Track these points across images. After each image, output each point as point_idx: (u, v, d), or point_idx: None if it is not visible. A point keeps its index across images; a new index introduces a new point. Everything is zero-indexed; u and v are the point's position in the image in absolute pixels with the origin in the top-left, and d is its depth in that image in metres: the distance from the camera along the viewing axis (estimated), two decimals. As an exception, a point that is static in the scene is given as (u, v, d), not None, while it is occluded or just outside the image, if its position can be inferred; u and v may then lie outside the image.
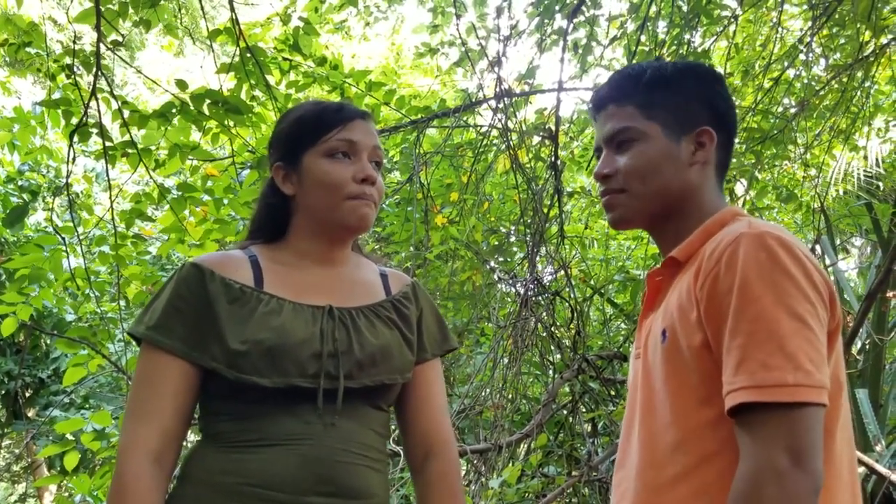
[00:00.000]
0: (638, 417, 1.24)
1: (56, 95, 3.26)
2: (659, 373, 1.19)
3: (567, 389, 4.26)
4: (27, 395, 8.77)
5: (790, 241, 1.11)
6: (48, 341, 8.06)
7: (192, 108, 2.81)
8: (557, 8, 3.86)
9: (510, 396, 3.92)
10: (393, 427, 2.05)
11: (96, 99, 2.62)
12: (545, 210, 3.95)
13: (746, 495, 1.00)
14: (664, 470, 1.15)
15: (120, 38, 2.70)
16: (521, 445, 3.78)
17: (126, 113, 2.78)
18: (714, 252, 1.13)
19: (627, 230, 2.49)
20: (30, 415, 8.78)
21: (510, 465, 3.40)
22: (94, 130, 2.66)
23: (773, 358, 1.03)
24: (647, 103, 1.29)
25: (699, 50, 3.92)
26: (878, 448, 3.58)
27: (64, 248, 3.21)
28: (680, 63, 1.35)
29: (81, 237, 3.25)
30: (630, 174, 1.28)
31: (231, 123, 2.89)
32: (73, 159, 2.68)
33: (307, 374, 1.28)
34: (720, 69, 3.62)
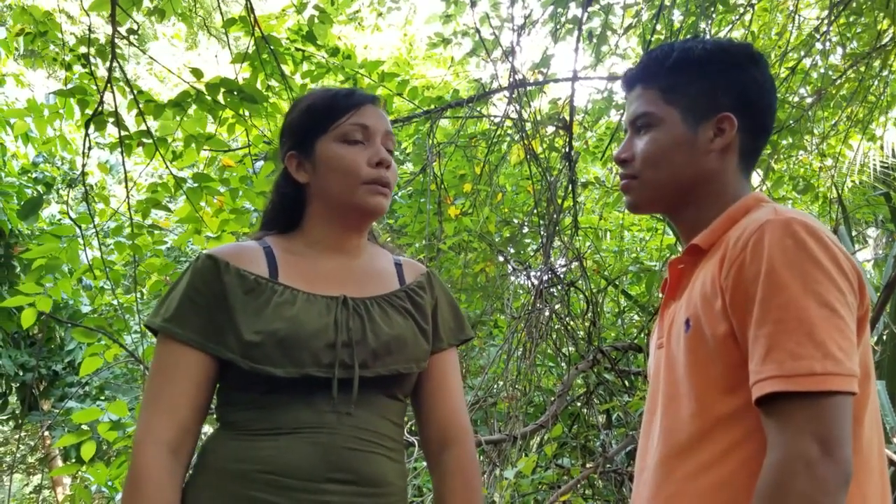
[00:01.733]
0: (660, 407, 1.22)
1: (71, 86, 3.26)
2: (682, 362, 1.17)
3: (581, 381, 4.24)
4: (42, 387, 8.82)
5: (817, 227, 1.09)
6: (62, 333, 8.09)
7: (207, 97, 2.81)
8: (572, -4, 3.84)
9: (524, 388, 3.90)
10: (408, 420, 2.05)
11: (112, 88, 2.62)
12: (559, 201, 3.93)
13: (776, 485, 0.99)
14: (687, 460, 1.14)
15: (135, 27, 2.70)
16: (536, 437, 3.77)
17: (141, 103, 2.78)
18: (739, 239, 1.11)
19: (644, 215, 2.47)
20: (45, 407, 8.83)
21: (524, 456, 3.39)
22: (110, 119, 2.67)
23: (802, 346, 1.01)
24: (669, 87, 1.27)
25: (715, 39, 3.88)
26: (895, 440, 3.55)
27: (80, 238, 3.22)
28: (711, 42, 1.30)
29: (97, 228, 3.26)
30: (643, 161, 1.27)
31: (246, 113, 2.88)
32: (89, 149, 2.69)
33: (321, 363, 1.28)
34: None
